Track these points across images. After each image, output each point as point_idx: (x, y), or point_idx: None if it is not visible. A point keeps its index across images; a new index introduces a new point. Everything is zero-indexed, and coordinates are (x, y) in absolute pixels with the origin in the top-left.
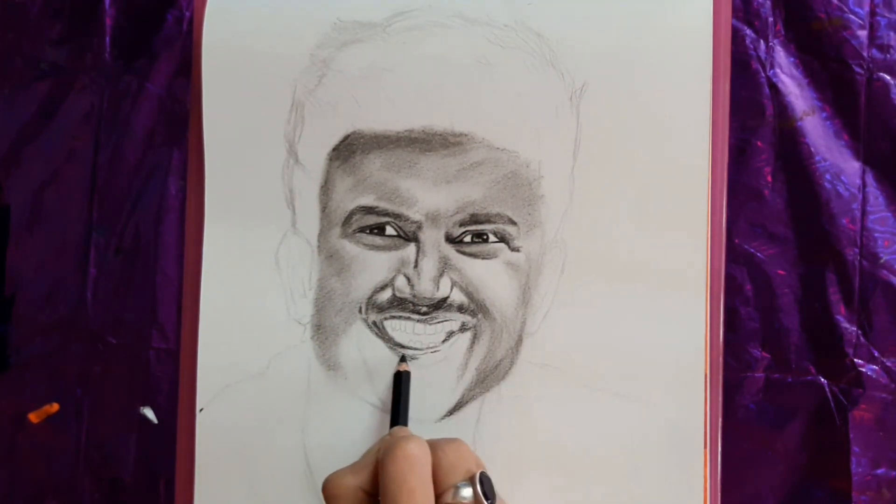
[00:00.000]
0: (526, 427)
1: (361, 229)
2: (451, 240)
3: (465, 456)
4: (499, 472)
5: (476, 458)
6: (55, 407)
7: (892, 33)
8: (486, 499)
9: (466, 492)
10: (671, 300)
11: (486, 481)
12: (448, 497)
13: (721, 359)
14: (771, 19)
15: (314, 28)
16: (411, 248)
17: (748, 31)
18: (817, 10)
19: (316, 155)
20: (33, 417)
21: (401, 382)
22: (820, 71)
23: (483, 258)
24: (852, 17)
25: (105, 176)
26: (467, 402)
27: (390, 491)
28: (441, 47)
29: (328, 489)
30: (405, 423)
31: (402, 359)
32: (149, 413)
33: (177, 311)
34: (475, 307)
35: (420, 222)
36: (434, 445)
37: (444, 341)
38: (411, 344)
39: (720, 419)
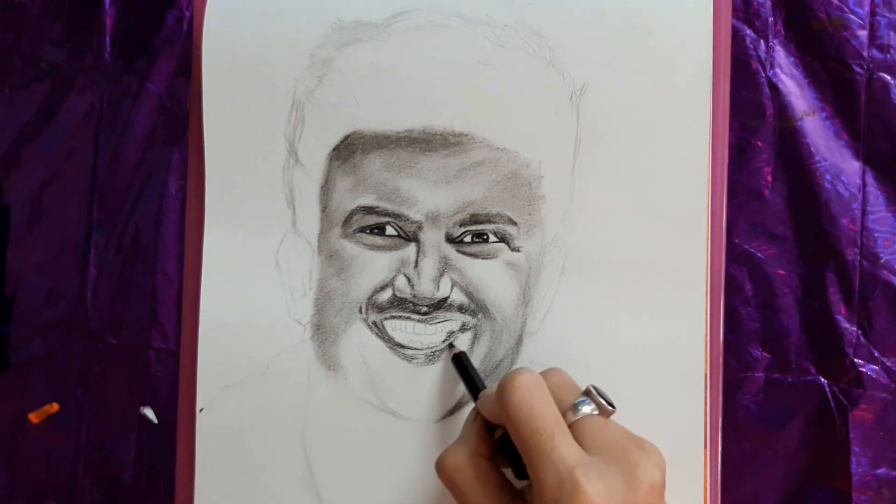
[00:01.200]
0: None
1: (362, 229)
2: (451, 240)
3: (567, 378)
4: None
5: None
6: (55, 407)
7: (892, 33)
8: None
9: (586, 407)
10: (671, 300)
11: (601, 391)
12: (570, 417)
13: (721, 359)
14: (771, 19)
15: (314, 28)
16: (411, 248)
17: (748, 31)
18: (817, 10)
19: (316, 155)
20: (33, 417)
21: (461, 362)
22: (820, 71)
23: (483, 258)
24: (852, 17)
25: (105, 176)
26: (467, 402)
27: (520, 419)
28: (441, 47)
29: (443, 466)
30: (484, 387)
31: (450, 345)
32: (149, 413)
33: (177, 311)
34: (475, 307)
35: (420, 222)
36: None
37: (444, 341)
38: (411, 344)
39: (720, 419)
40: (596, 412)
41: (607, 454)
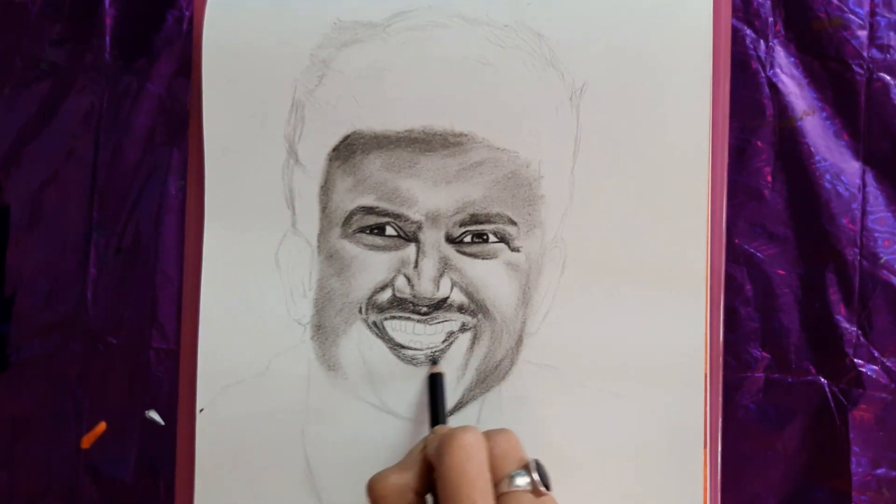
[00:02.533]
0: (526, 427)
1: (361, 229)
2: (451, 240)
3: (516, 445)
4: None
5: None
6: (103, 426)
7: (892, 33)
8: (545, 486)
9: (521, 480)
10: (671, 300)
11: (541, 469)
12: (503, 486)
13: (721, 359)
14: (771, 19)
15: (314, 28)
16: (411, 248)
17: (748, 31)
18: (817, 10)
19: (316, 155)
20: (85, 443)
21: (436, 384)
22: (820, 71)
23: (483, 258)
24: (852, 17)
25: (105, 176)
26: (468, 403)
27: (450, 481)
28: (441, 47)
29: (375, 489)
30: (444, 423)
31: (434, 361)
32: (155, 416)
33: (177, 311)
34: (475, 307)
35: (420, 222)
36: (486, 435)
37: (444, 341)
38: (411, 344)
39: (720, 419)
40: (530, 488)
41: None
